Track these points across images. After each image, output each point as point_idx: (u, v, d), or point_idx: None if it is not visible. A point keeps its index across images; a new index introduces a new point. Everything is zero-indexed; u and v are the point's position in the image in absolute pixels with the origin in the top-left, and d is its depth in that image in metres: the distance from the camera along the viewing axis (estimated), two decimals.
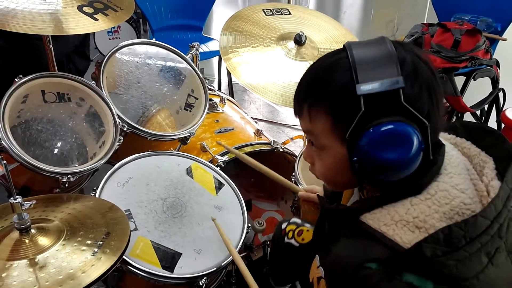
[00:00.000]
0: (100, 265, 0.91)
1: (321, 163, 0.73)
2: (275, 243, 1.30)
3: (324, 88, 0.66)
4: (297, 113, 0.73)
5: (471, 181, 0.67)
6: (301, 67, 1.67)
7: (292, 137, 2.25)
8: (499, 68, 2.30)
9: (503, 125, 2.26)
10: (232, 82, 3.01)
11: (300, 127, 2.77)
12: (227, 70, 3.00)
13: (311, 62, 1.82)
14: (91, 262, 0.91)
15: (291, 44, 1.72)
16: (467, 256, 0.59)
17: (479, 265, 0.60)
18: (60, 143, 1.33)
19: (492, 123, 2.46)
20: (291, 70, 1.67)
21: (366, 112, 0.61)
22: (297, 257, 1.20)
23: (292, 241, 1.19)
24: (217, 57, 3.01)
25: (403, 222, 0.63)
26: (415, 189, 0.65)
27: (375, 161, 0.62)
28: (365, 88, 0.61)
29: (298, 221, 1.22)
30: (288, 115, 3.11)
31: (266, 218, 1.92)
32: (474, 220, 0.60)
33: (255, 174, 2.03)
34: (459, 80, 2.25)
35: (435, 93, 0.64)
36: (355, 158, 0.64)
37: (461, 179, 0.65)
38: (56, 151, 1.33)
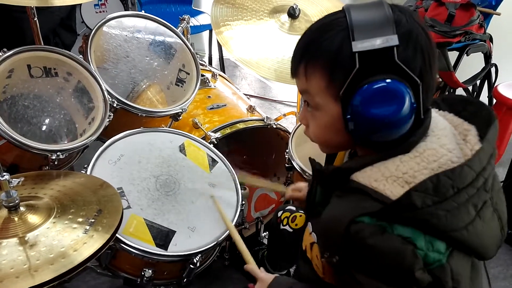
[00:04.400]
0: (92, 243, 0.89)
1: (315, 124, 0.74)
2: (271, 230, 1.32)
3: (321, 46, 0.66)
4: (294, 73, 0.73)
5: (457, 145, 0.68)
6: (295, 41, 1.63)
7: (284, 114, 2.22)
8: (492, 43, 2.28)
9: (494, 101, 2.26)
10: (223, 58, 2.96)
11: (292, 103, 2.75)
12: (218, 45, 2.94)
13: None
14: (83, 240, 0.90)
15: (284, 17, 1.68)
16: (455, 206, 0.61)
17: (467, 216, 0.63)
18: (48, 119, 1.29)
19: (484, 98, 2.46)
20: (285, 44, 1.64)
21: (361, 70, 0.62)
22: (292, 242, 1.23)
23: (287, 227, 1.23)
24: (208, 31, 2.94)
25: (393, 178, 0.64)
26: (403, 148, 0.67)
27: (367, 118, 0.63)
28: (360, 45, 0.61)
29: (293, 208, 1.28)
30: (280, 91, 3.08)
31: (259, 195, 1.91)
32: (461, 170, 0.62)
33: (248, 151, 2.01)
34: (452, 55, 2.24)
35: (428, 56, 0.65)
36: (349, 116, 0.65)
37: (448, 140, 0.67)
38: (44, 127, 1.28)
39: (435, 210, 0.60)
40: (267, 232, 1.85)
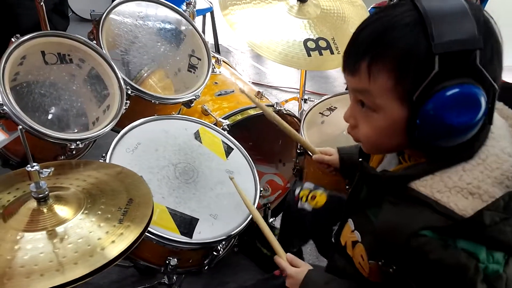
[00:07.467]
0: (128, 234, 0.87)
1: (369, 125, 0.69)
2: (289, 208, 1.30)
3: (391, 44, 0.61)
4: (352, 69, 0.66)
5: None
6: (303, 25, 1.62)
7: (286, 100, 2.22)
8: None
9: None
10: (219, 43, 2.92)
11: (289, 89, 2.72)
12: (213, 30, 2.90)
13: (314, 20, 1.75)
14: (119, 231, 0.88)
15: (293, 1, 1.66)
16: None
17: None
18: (63, 107, 1.25)
19: None
20: (293, 28, 1.62)
21: (438, 72, 0.57)
22: (310, 221, 1.21)
23: (306, 205, 1.20)
24: (201, 16, 2.89)
25: (457, 189, 0.62)
26: (466, 154, 0.64)
27: (440, 125, 0.59)
28: (442, 47, 0.56)
29: (311, 186, 1.23)
30: (275, 77, 3.06)
31: (265, 181, 1.91)
32: None
33: (253, 138, 2.00)
34: None
35: (502, 59, 0.62)
36: (418, 121, 0.60)
37: (507, 142, 0.65)
38: (59, 116, 1.24)
39: (503, 227, 0.59)
40: (274, 218, 1.85)
